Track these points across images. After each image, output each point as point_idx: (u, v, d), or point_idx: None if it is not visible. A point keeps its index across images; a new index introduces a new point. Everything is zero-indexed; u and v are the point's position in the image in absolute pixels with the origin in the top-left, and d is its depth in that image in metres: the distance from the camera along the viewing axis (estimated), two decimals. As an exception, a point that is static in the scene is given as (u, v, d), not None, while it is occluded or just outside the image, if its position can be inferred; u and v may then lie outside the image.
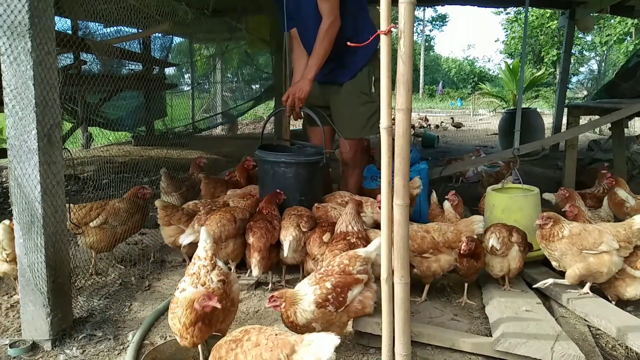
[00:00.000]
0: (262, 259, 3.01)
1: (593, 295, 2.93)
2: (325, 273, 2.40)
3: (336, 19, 3.53)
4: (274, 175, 3.60)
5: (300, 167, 3.59)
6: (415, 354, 2.40)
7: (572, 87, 20.36)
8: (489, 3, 10.64)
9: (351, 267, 2.42)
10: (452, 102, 31.18)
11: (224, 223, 3.13)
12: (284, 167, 3.57)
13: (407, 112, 2.01)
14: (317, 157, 3.65)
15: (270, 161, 3.63)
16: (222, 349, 1.76)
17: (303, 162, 3.63)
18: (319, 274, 2.41)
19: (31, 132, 2.34)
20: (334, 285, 2.32)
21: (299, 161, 3.63)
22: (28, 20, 2.26)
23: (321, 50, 3.55)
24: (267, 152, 3.73)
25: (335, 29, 3.54)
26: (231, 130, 12.24)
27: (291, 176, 3.58)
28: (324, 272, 2.42)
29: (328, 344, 1.65)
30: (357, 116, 3.88)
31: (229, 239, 3.14)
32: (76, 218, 3.22)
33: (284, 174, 3.58)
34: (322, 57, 3.58)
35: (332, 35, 3.53)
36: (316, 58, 3.57)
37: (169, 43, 8.03)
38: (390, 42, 2.01)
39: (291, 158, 3.66)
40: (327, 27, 3.51)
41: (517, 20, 30.39)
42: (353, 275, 2.40)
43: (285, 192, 3.51)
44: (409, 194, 2.12)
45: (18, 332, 2.60)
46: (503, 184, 3.86)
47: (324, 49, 3.55)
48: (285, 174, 3.58)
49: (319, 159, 3.63)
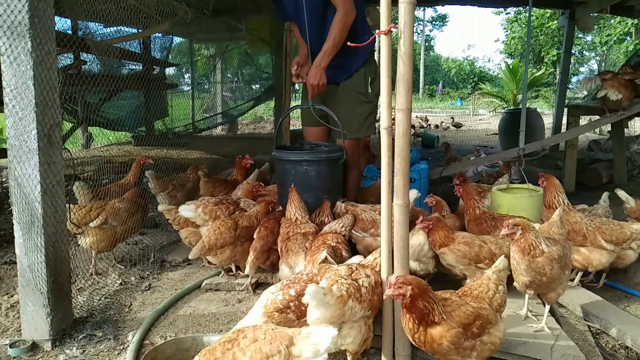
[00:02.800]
0: (257, 259, 3.05)
1: (592, 294, 2.94)
2: (293, 280, 2.31)
3: (351, 9, 3.53)
4: (296, 174, 3.56)
5: (322, 164, 3.56)
6: (416, 354, 2.39)
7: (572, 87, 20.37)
8: (489, 3, 10.64)
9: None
10: (452, 102, 31.18)
11: (222, 231, 3.14)
12: (307, 166, 3.53)
13: (407, 112, 2.01)
14: (338, 153, 3.64)
15: (292, 160, 3.59)
16: (216, 351, 1.74)
17: (325, 159, 3.58)
18: (286, 281, 2.32)
19: (31, 132, 2.34)
20: (298, 294, 2.18)
21: (322, 158, 3.58)
22: (28, 20, 2.26)
23: (337, 37, 3.51)
24: (287, 151, 3.70)
25: (350, 18, 3.53)
26: (231, 130, 12.25)
27: (314, 174, 3.54)
28: (291, 280, 2.33)
29: (326, 335, 1.67)
30: (354, 116, 3.88)
31: (225, 246, 3.14)
32: (76, 218, 3.22)
33: (306, 172, 3.54)
34: (337, 45, 3.54)
35: (347, 24, 3.52)
36: (331, 45, 3.53)
37: (169, 43, 8.03)
38: (390, 42, 2.01)
39: (314, 156, 3.60)
40: (342, 16, 3.50)
41: (517, 20, 30.41)
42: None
43: (309, 191, 3.49)
44: (409, 194, 2.12)
45: (18, 332, 2.60)
46: (508, 184, 3.88)
47: (341, 36, 3.51)
48: (308, 172, 3.54)
49: (340, 155, 3.62)
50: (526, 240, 2.42)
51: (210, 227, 3.22)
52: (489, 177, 5.39)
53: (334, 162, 3.62)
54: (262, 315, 2.14)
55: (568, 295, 2.93)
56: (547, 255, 2.41)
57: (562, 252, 2.47)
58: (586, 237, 3.08)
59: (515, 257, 2.45)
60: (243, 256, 3.19)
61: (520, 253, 2.43)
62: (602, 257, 3.05)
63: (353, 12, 3.53)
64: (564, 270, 2.50)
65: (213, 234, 3.13)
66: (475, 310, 2.03)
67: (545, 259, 2.40)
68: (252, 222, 3.30)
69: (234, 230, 3.17)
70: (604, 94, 5.24)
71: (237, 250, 3.18)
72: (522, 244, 2.43)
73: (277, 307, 2.15)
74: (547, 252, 2.41)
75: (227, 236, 3.13)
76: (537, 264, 2.40)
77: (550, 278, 2.43)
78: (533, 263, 2.40)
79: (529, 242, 2.42)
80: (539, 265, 2.40)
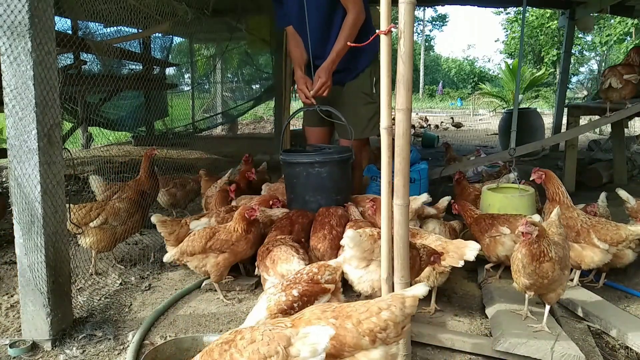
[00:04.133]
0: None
1: (592, 294, 2.93)
2: (293, 281, 2.33)
3: (363, 10, 3.51)
4: (308, 176, 3.53)
5: (334, 165, 3.55)
6: (415, 354, 2.40)
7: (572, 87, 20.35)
8: (489, 3, 10.63)
9: (319, 275, 2.33)
10: (452, 102, 31.18)
11: (194, 239, 3.00)
12: (319, 167, 3.51)
13: (407, 112, 2.01)
14: (349, 153, 3.63)
15: (303, 163, 3.56)
16: (214, 352, 1.74)
17: (338, 159, 3.57)
18: (287, 281, 2.34)
19: (31, 132, 2.34)
20: (301, 294, 2.23)
21: (334, 159, 3.56)
22: (28, 20, 2.26)
23: (349, 38, 3.50)
24: (297, 154, 3.68)
25: (362, 20, 3.53)
26: (231, 131, 12.25)
27: (326, 176, 3.53)
28: (292, 280, 2.34)
29: (324, 335, 1.66)
30: (360, 117, 3.88)
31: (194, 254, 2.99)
32: (76, 218, 3.22)
33: (318, 174, 3.52)
34: (345, 48, 3.53)
35: (359, 26, 3.52)
36: (342, 45, 3.51)
37: (169, 43, 8.04)
38: (390, 42, 2.01)
39: (325, 157, 3.57)
40: (355, 17, 3.48)
41: (517, 20, 30.38)
42: (321, 285, 2.32)
43: (321, 193, 3.49)
44: (408, 194, 2.12)
45: (18, 332, 2.60)
46: (498, 184, 3.88)
47: (352, 37, 3.51)
48: (320, 174, 3.52)
49: (350, 155, 3.62)
50: (539, 247, 2.39)
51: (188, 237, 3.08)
52: (488, 177, 5.39)
53: (345, 162, 3.62)
54: (267, 317, 2.14)
55: (568, 295, 2.93)
56: (552, 259, 2.40)
57: (562, 253, 2.47)
58: (579, 233, 3.07)
59: (522, 261, 2.42)
60: (214, 268, 3.00)
61: (529, 258, 2.39)
62: (595, 256, 3.03)
63: (364, 13, 3.52)
64: (564, 271, 2.49)
65: (187, 239, 3.04)
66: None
67: (549, 263, 2.40)
68: (230, 236, 3.04)
69: (207, 240, 2.99)
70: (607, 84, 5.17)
71: (207, 261, 3.00)
72: (534, 249, 2.39)
73: (281, 308, 2.15)
74: (553, 256, 2.40)
75: (196, 245, 2.99)
76: (542, 268, 2.39)
77: (551, 280, 2.42)
78: (539, 268, 2.39)
79: (541, 249, 2.39)
80: (544, 270, 2.39)
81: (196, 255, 3.00)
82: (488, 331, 2.65)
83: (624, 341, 2.53)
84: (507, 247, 3.05)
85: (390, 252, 2.14)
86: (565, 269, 2.51)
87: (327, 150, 3.82)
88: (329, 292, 2.33)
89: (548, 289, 2.47)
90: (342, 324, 1.74)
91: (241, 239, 3.05)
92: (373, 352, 1.67)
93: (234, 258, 3.08)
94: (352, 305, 1.82)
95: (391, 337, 1.75)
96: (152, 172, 4.13)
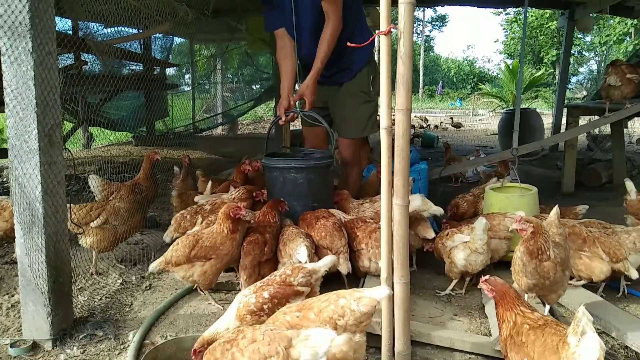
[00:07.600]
0: (249, 278, 2.87)
1: (592, 294, 2.94)
2: (266, 282, 2.30)
3: (340, 21, 3.52)
4: (284, 182, 3.41)
5: (311, 171, 3.42)
6: (415, 353, 2.40)
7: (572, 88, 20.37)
8: (489, 3, 10.63)
9: (292, 278, 2.27)
10: (451, 102, 31.17)
11: (178, 248, 2.89)
12: (295, 173, 3.38)
13: (406, 112, 2.02)
14: (328, 160, 3.50)
15: (280, 167, 3.44)
16: (216, 351, 1.76)
17: (314, 166, 3.44)
18: (260, 283, 2.32)
19: (32, 133, 2.34)
20: (272, 296, 2.20)
21: (310, 165, 3.43)
22: (29, 21, 2.26)
23: (329, 51, 3.50)
24: (275, 158, 3.57)
25: (339, 30, 3.53)
26: (231, 131, 12.26)
27: (302, 182, 3.39)
28: (264, 282, 2.32)
29: (325, 338, 1.67)
30: (358, 116, 3.88)
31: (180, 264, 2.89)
32: (77, 218, 3.23)
33: (294, 180, 3.39)
34: (327, 59, 3.55)
35: (336, 36, 3.52)
36: (323, 59, 3.52)
37: (170, 43, 8.05)
38: (390, 43, 2.02)
39: (302, 163, 3.45)
40: (333, 28, 3.48)
41: (517, 21, 30.38)
42: (293, 287, 2.27)
43: (297, 199, 3.37)
44: (408, 194, 2.12)
45: (19, 331, 2.61)
46: (502, 184, 3.87)
47: (331, 49, 3.52)
48: (296, 180, 3.39)
49: (329, 162, 3.49)
50: (536, 244, 2.39)
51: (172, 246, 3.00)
52: (488, 177, 5.40)
53: (323, 169, 3.48)
54: (235, 318, 2.14)
55: (568, 295, 2.93)
56: (553, 259, 2.40)
57: (563, 254, 2.47)
58: (586, 241, 2.99)
59: (522, 259, 2.42)
60: (202, 277, 2.90)
61: (528, 255, 2.39)
62: (604, 266, 2.91)
63: (341, 24, 3.53)
64: (565, 272, 2.50)
65: (171, 249, 2.93)
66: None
67: (551, 263, 2.39)
68: (215, 240, 2.90)
69: (190, 249, 2.87)
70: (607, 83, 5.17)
71: (193, 270, 2.89)
72: (531, 246, 2.40)
73: (250, 310, 2.15)
74: (553, 257, 2.40)
75: (180, 254, 2.87)
76: (543, 268, 2.39)
77: (553, 281, 2.42)
78: (539, 267, 2.39)
79: (538, 246, 2.39)
80: (545, 270, 2.39)
81: (182, 265, 2.89)
82: (488, 331, 2.65)
83: (623, 341, 2.53)
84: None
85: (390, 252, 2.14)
86: (566, 270, 2.51)
87: (312, 155, 3.72)
88: (303, 294, 2.27)
89: (550, 289, 2.47)
90: (306, 315, 1.90)
91: (226, 240, 2.90)
92: (337, 338, 1.70)
93: (222, 264, 2.94)
94: (315, 299, 1.98)
95: (350, 324, 1.84)
96: (151, 174, 4.13)
